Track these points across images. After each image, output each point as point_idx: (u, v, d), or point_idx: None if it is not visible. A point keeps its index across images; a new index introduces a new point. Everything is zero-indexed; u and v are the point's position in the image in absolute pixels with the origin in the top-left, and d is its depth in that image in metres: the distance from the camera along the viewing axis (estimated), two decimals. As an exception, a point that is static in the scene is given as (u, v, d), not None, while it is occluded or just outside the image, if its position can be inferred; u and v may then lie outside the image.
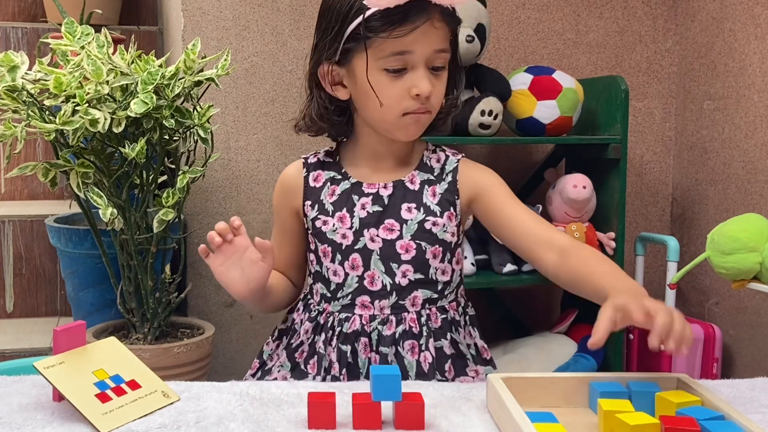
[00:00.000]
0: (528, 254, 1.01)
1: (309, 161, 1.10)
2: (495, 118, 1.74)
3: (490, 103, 1.73)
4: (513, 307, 2.08)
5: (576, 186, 1.83)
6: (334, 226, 1.04)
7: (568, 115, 1.82)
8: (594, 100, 1.91)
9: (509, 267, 1.79)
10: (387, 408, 0.76)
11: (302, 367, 1.06)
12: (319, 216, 1.05)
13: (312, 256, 1.08)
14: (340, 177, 1.07)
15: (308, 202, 1.07)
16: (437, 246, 1.03)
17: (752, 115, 1.91)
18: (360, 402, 0.75)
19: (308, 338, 1.06)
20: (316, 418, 0.74)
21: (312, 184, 1.08)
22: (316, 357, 1.05)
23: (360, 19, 0.94)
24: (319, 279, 1.07)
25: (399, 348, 1.02)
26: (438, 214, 1.03)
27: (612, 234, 1.87)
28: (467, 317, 1.10)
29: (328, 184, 1.07)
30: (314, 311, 1.07)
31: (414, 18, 0.93)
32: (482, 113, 1.72)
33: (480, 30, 1.76)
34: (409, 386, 0.85)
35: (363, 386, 0.84)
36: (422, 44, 0.95)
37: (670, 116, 2.22)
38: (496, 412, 0.77)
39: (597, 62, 2.16)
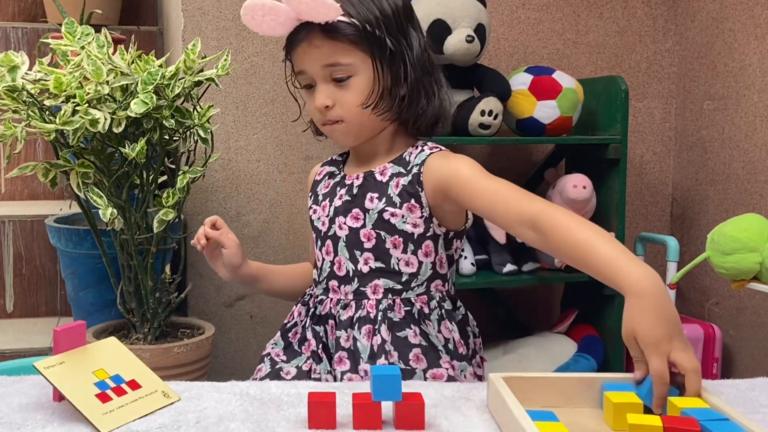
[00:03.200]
0: (511, 233, 0.99)
1: (325, 161, 1.21)
2: (495, 118, 1.74)
3: (490, 103, 1.73)
4: (513, 307, 2.08)
5: (576, 186, 1.83)
6: (317, 213, 1.14)
7: (568, 115, 1.83)
8: (594, 100, 1.91)
9: (509, 267, 1.80)
10: (387, 408, 0.76)
11: (295, 347, 1.12)
12: (312, 206, 1.16)
13: None
14: (337, 172, 1.16)
15: (310, 194, 1.19)
16: (396, 236, 1.05)
17: (752, 115, 1.91)
18: (360, 402, 0.75)
19: (301, 320, 1.13)
20: (316, 418, 0.75)
21: (317, 177, 1.19)
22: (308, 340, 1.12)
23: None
24: (314, 265, 1.17)
25: (355, 332, 1.05)
26: (397, 205, 1.05)
27: (612, 234, 1.87)
28: (443, 311, 1.08)
29: (326, 178, 1.17)
30: (307, 295, 1.16)
31: (294, 41, 1.05)
32: (482, 113, 1.72)
33: (480, 30, 1.76)
34: (410, 386, 0.86)
35: (363, 386, 0.85)
36: (307, 63, 1.05)
37: (670, 116, 2.22)
38: (497, 411, 0.78)
39: (597, 62, 2.17)
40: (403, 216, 1.05)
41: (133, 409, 0.79)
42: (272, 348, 1.14)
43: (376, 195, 1.07)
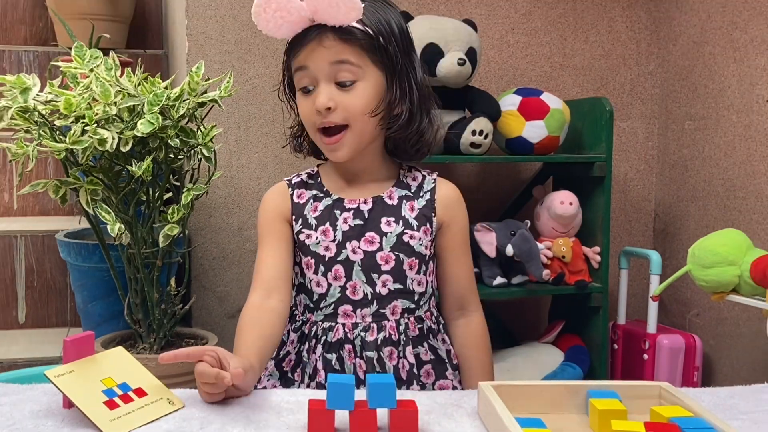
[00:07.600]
0: (444, 306, 1.16)
1: (292, 181, 1.14)
2: (485, 137, 1.76)
3: (481, 123, 1.75)
4: (503, 318, 2.09)
5: (563, 202, 1.85)
6: (317, 239, 1.08)
7: (556, 134, 1.84)
8: (580, 121, 1.93)
9: (499, 280, 1.80)
10: (382, 414, 0.78)
11: (290, 375, 1.10)
12: (302, 230, 1.09)
13: (296, 269, 1.12)
14: (322, 195, 1.11)
15: (293, 217, 1.11)
16: (413, 258, 1.08)
17: (731, 135, 1.94)
18: (356, 409, 0.76)
19: (294, 348, 1.10)
20: (315, 424, 0.76)
21: (296, 200, 1.12)
22: (301, 365, 1.09)
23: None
24: (303, 290, 1.11)
25: (380, 353, 1.07)
26: (415, 227, 1.08)
27: (597, 248, 1.89)
28: (440, 325, 1.15)
29: (311, 201, 1.11)
30: (298, 321, 1.11)
31: (304, 40, 1.01)
32: (473, 133, 1.74)
33: (471, 53, 1.78)
34: (404, 394, 0.88)
35: (359, 394, 0.83)
36: (314, 60, 1.01)
37: (653, 136, 2.25)
38: (487, 418, 0.79)
39: (583, 84, 2.19)
40: (420, 239, 1.08)
41: (139, 416, 0.80)
42: (267, 380, 1.10)
43: (392, 219, 1.08)
